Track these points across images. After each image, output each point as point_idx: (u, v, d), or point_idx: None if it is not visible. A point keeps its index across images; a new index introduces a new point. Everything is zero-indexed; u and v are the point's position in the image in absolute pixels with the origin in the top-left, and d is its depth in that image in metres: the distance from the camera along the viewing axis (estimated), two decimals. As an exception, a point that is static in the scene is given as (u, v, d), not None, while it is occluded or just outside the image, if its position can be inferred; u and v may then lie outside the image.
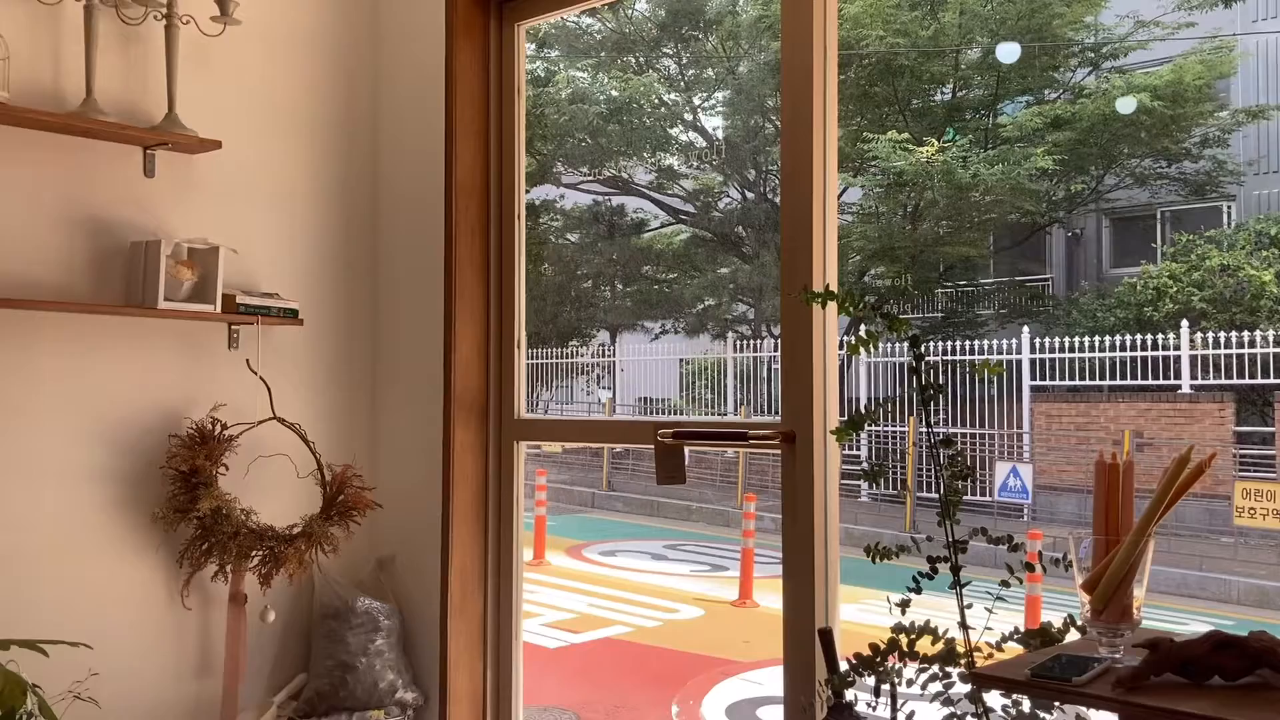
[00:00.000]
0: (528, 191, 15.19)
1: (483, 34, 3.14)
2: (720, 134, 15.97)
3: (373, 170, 3.31)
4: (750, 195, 15.45)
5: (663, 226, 16.54)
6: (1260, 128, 13.97)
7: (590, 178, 15.96)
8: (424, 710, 3.06)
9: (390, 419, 3.26)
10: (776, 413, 2.49)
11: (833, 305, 2.25)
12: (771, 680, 5.84)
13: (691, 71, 15.81)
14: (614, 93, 15.19)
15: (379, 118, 3.32)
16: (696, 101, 15.96)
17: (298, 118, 3.15)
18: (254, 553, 2.78)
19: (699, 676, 6.26)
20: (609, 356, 16.65)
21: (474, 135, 3.13)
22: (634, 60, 15.67)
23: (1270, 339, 11.29)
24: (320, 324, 3.17)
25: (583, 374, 16.86)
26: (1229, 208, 14.75)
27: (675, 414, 15.10)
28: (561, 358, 16.63)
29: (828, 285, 2.38)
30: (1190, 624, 7.39)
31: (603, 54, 15.62)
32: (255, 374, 2.91)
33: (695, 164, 15.84)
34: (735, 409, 14.69)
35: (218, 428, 2.81)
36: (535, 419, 3.46)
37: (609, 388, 16.51)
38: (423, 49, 3.17)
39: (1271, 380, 11.20)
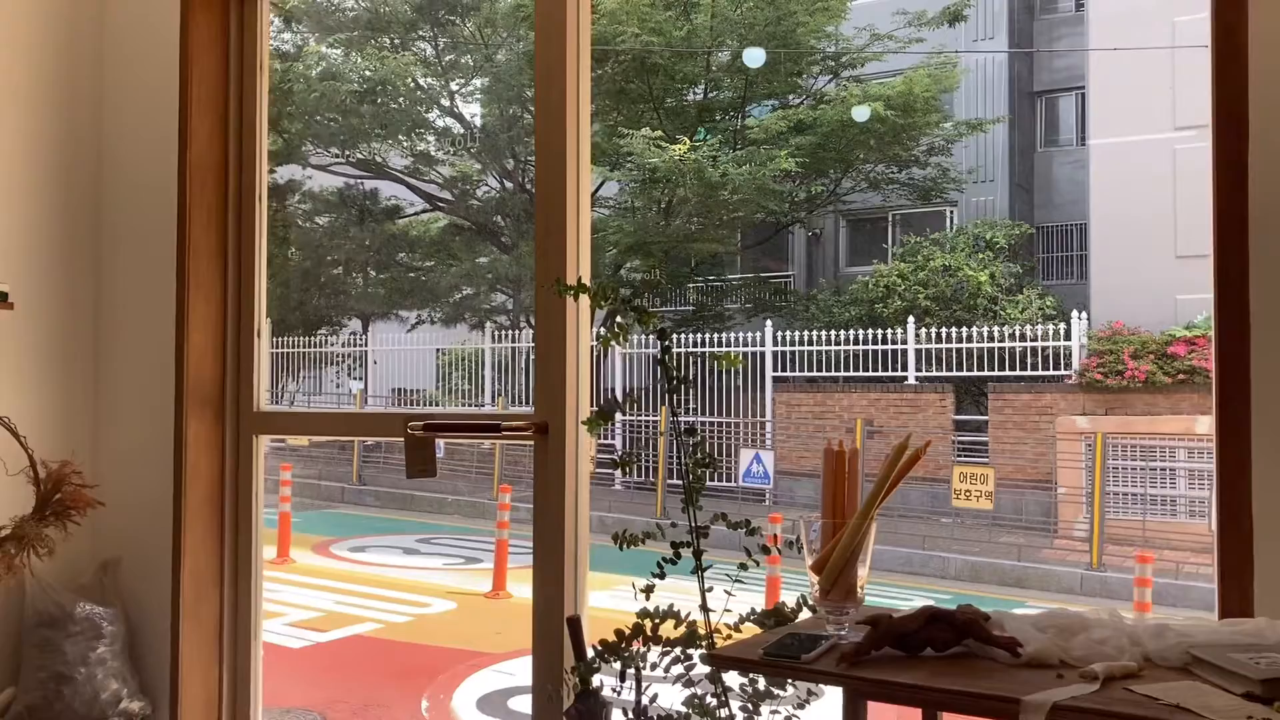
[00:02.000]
0: (273, 171, 14.54)
1: (221, 5, 2.97)
2: (478, 121, 15.82)
3: (96, 148, 3.07)
4: (509, 185, 15.40)
5: (419, 213, 16.22)
6: (979, 139, 15.20)
7: (341, 159, 15.44)
8: (153, 719, 2.88)
9: (115, 411, 3.04)
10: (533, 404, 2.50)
11: (585, 297, 2.28)
12: (523, 670, 5.85)
13: (449, 56, 15.57)
14: (368, 73, 14.75)
15: (105, 93, 3.08)
16: (454, 87, 15.75)
17: (11, 94, 2.87)
18: (-47, 559, 2.52)
19: (450, 670, 6.20)
20: (361, 346, 16.19)
21: (211, 112, 2.96)
22: (389, 41, 15.28)
23: (985, 334, 12.32)
24: (34, 308, 2.91)
25: (333, 364, 16.31)
26: (951, 212, 15.98)
27: (431, 405, 14.86)
28: (309, 347, 16.02)
29: (580, 278, 2.40)
30: (913, 600, 7.96)
31: (355, 32, 15.14)
32: (-45, 362, 2.64)
33: (452, 150, 15.62)
34: (493, 400, 14.62)
35: (-91, 421, 2.53)
36: (278, 411, 3.31)
37: (361, 379, 16.05)
38: (156, 20, 2.96)
39: (986, 373, 12.23)
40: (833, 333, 13.00)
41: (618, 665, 2.09)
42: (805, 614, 1.97)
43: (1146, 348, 11.13)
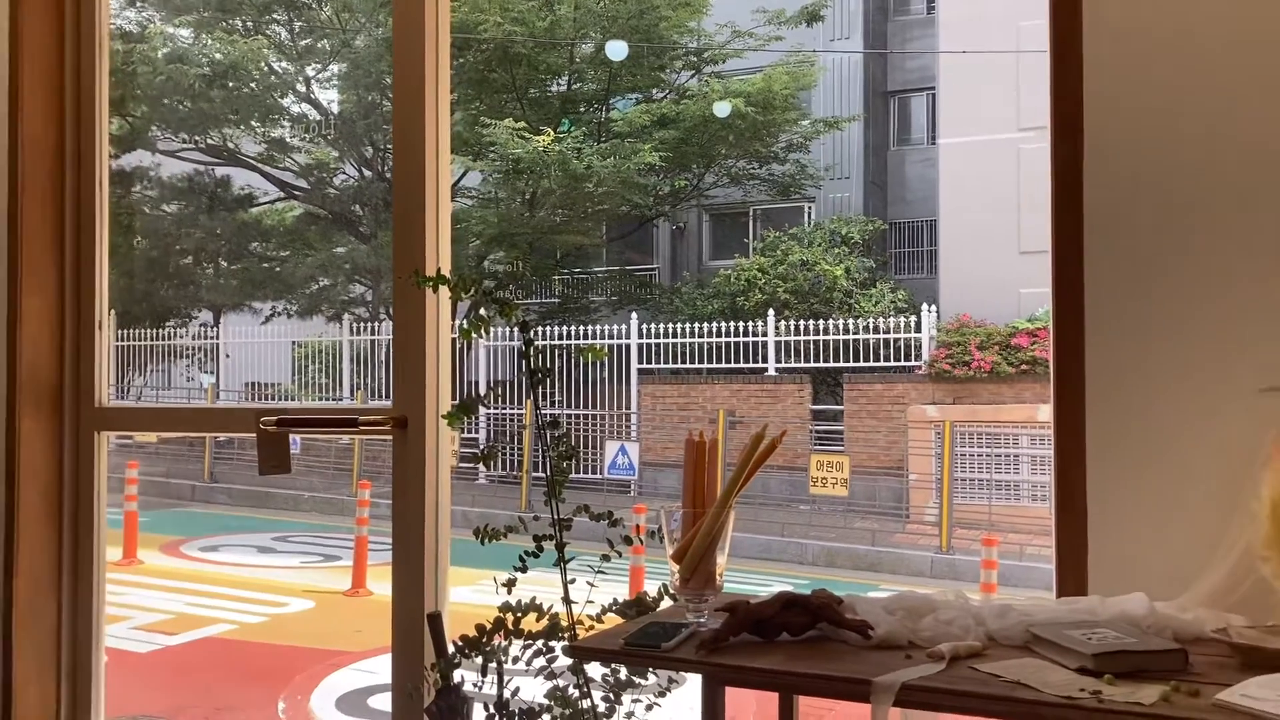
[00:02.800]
0: (117, 157, 13.88)
1: (56, -23, 2.81)
2: (335, 108, 15.42)
3: (-83, 121, 2.87)
4: (367, 173, 15.07)
5: (273, 201, 15.72)
6: (835, 137, 15.60)
7: (191, 145, 14.84)
8: (-17, 735, 2.72)
9: (-60, 408, 2.85)
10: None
11: (445, 289, 2.25)
12: (384, 668, 5.75)
13: (305, 41, 15.13)
14: (218, 56, 14.21)
15: (-75, 61, 2.88)
16: (310, 73, 15.31)
17: None
18: None
19: (309, 670, 6.05)
20: (212, 339, 15.61)
21: (46, 89, 2.80)
22: (241, 23, 14.75)
23: (841, 327, 12.66)
24: None
25: (183, 358, 15.68)
26: (809, 208, 16.37)
27: (287, 400, 14.44)
28: (158, 340, 15.37)
29: (440, 269, 2.36)
30: (771, 586, 8.14)
31: (205, 13, 14.57)
32: None
33: (308, 138, 15.19)
34: (352, 394, 14.30)
35: None
36: (123, 406, 3.16)
37: (212, 372, 15.48)
38: (-19, -13, 2.79)
39: (842, 364, 12.57)
40: (696, 325, 13.17)
41: (479, 660, 2.07)
42: (666, 603, 1.98)
43: (992, 339, 11.63)
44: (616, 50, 13.62)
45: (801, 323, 12.91)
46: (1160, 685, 1.30)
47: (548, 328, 13.49)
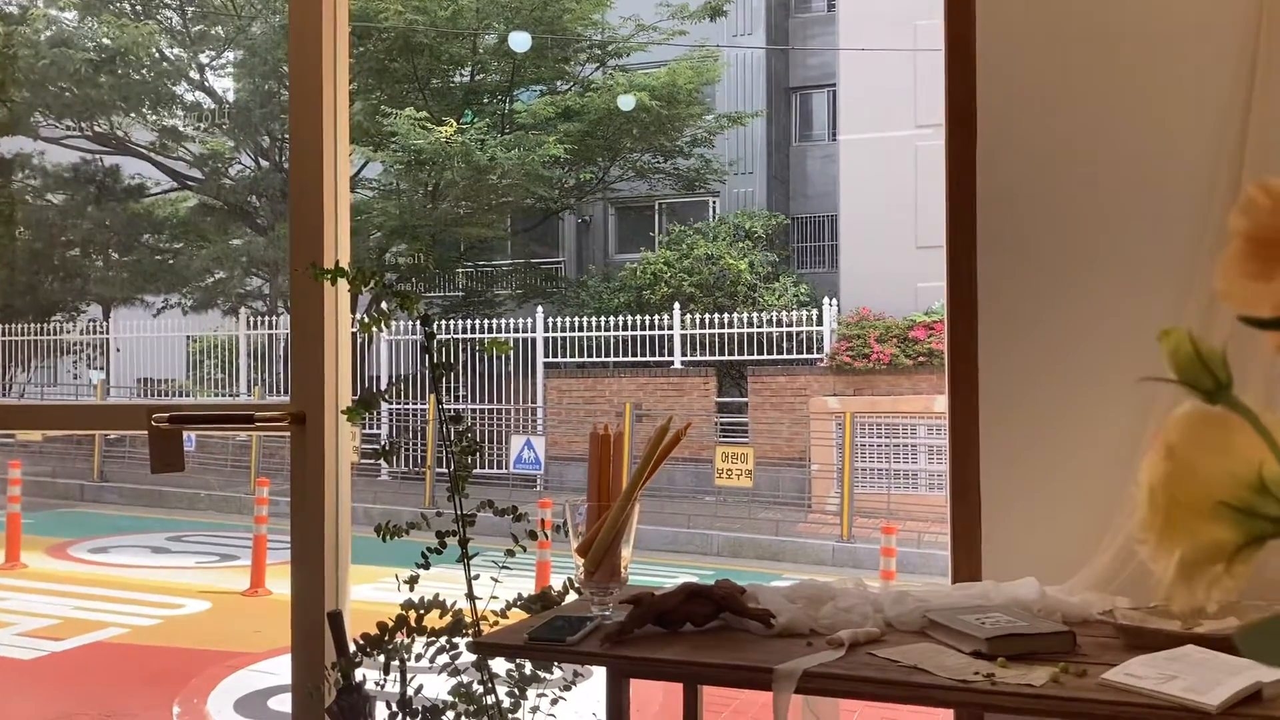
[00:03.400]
0: (-4, 143, 13.33)
1: (-71, -45, 2.68)
2: (231, 96, 15.02)
3: None
4: (264, 163, 14.71)
5: (166, 192, 15.24)
6: (739, 132, 15.74)
7: (77, 132, 14.30)
8: None
9: None
10: (288, 392, 2.40)
11: (344, 282, 2.21)
12: (283, 669, 5.64)
13: (198, 27, 14.70)
14: (106, 41, 13.71)
15: None
16: (204, 60, 14.88)
17: None
18: None
19: (205, 672, 5.89)
20: (101, 334, 15.08)
21: (-83, 73, 2.67)
22: (129, 7, 14.26)
23: (745, 320, 12.80)
24: None
25: (69, 353, 15.12)
26: (714, 203, 16.49)
27: (182, 396, 14.04)
28: (43, 334, 14.79)
29: (339, 261, 2.32)
30: (677, 577, 8.19)
31: (92, -4, 14.06)
32: None
33: (202, 127, 14.76)
34: (249, 389, 13.97)
35: None
36: (4, 404, 3.04)
37: (102, 368, 14.96)
38: None
39: (746, 357, 12.71)
40: (602, 318, 13.17)
41: (382, 659, 2.05)
42: (572, 597, 1.98)
43: (890, 332, 11.89)
44: (520, 41, 13.53)
45: (707, 316, 13.01)
46: (1050, 667, 1.34)
47: (451, 321, 13.35)
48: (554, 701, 2.07)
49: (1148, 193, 1.86)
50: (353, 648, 2.03)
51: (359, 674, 2.01)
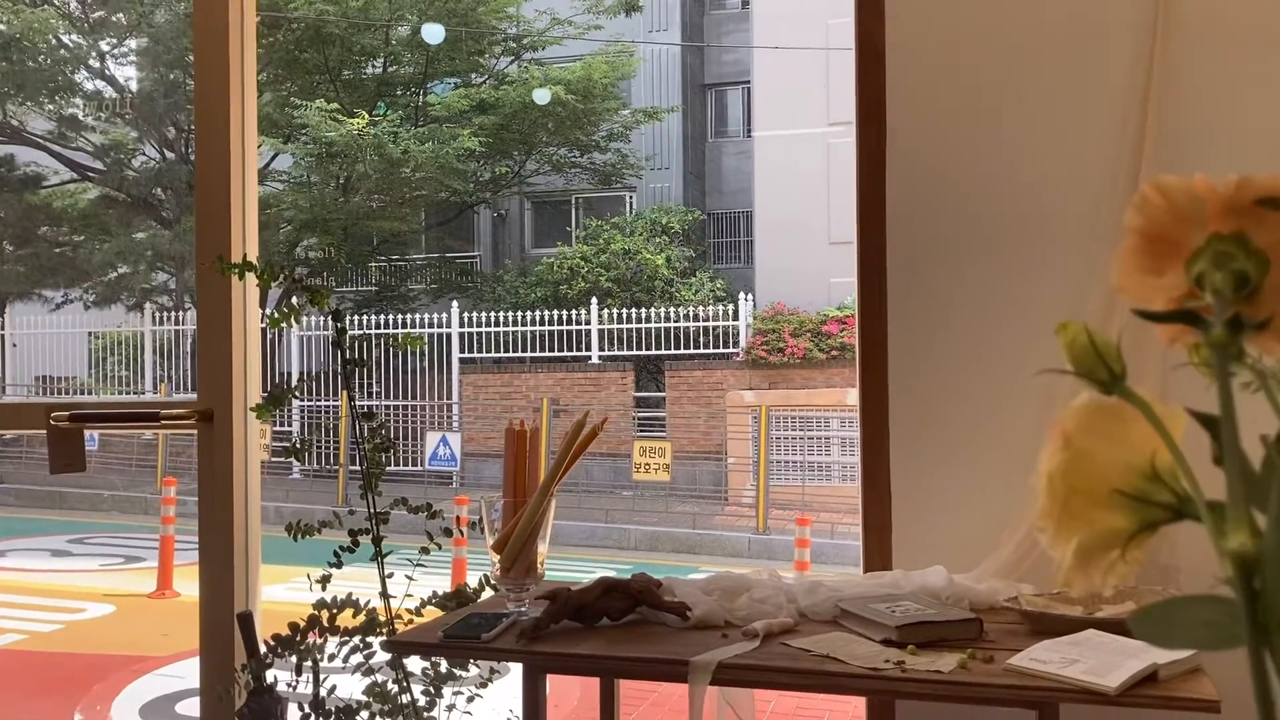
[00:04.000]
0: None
1: None
2: (134, 86, 14.58)
3: None
4: (170, 155, 14.31)
5: (65, 183, 14.73)
6: (655, 127, 15.78)
7: (-33, 121, 13.76)
8: None
9: None
10: (193, 389, 2.35)
11: (252, 276, 2.16)
12: (192, 672, 5.51)
13: (98, 13, 14.23)
14: (0, 25, 13.20)
15: None
16: (105, 47, 14.41)
17: None
18: None
19: (110, 678, 5.73)
20: (-3, 329, 14.54)
21: None
22: (26, -10, 13.75)
23: (662, 315, 12.85)
24: None
25: (-38, 350, 14.55)
26: (631, 197, 16.51)
27: (84, 394, 13.60)
28: (-67, 330, 14.22)
29: (246, 255, 2.27)
30: (595, 572, 8.19)
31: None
32: None
33: (104, 117, 14.30)
34: (155, 387, 13.59)
35: None
36: (-111, 403, 2.91)
37: (-3, 365, 14.42)
38: None
39: (663, 351, 12.76)
40: (519, 313, 13.11)
41: (294, 659, 2.01)
42: (488, 593, 1.97)
43: (804, 327, 12.04)
44: (433, 33, 13.37)
45: (624, 311, 13.03)
46: (958, 653, 1.38)
47: (364, 316, 13.16)
48: (470, 699, 2.06)
49: (1051, 190, 1.92)
50: (264, 649, 1.99)
51: (270, 675, 1.98)
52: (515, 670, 1.60)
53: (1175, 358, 0.51)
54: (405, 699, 1.99)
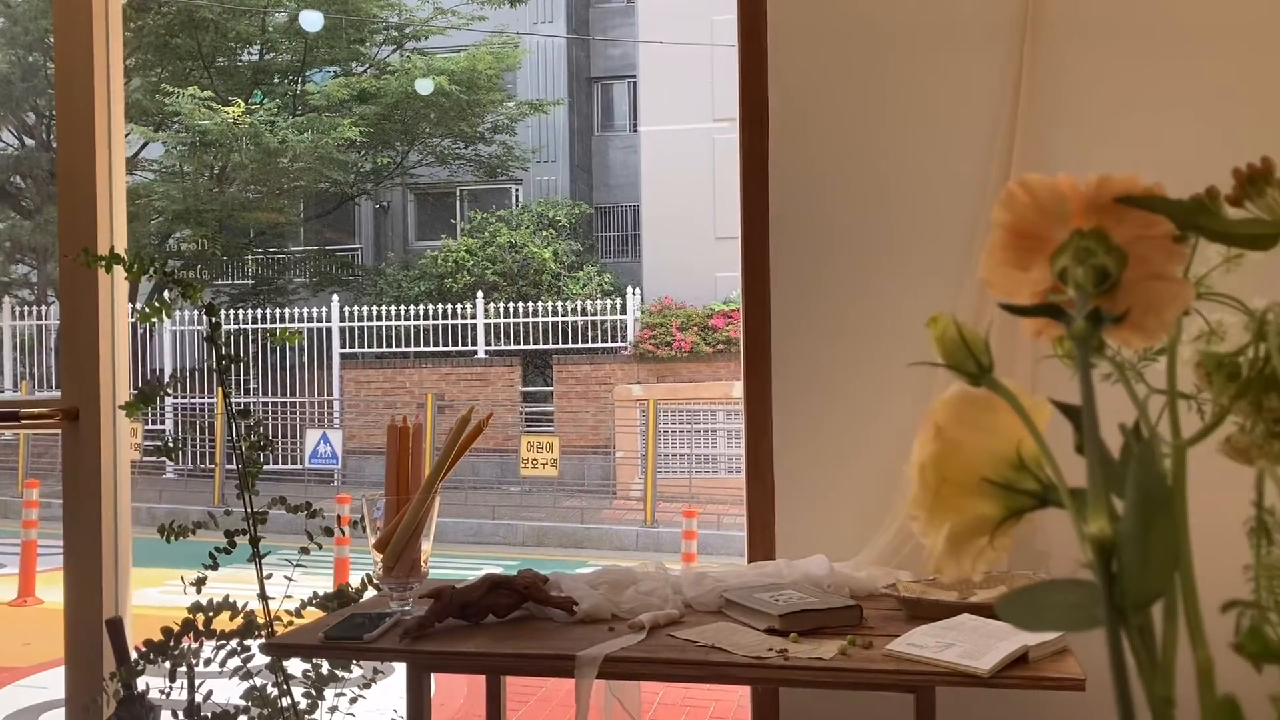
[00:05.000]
0: None
1: None
2: (-10, 68, 13.88)
3: None
4: (30, 142, 13.66)
5: (-87, 169, 13.95)
6: (541, 120, 15.69)
7: None
8: None
9: None
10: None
11: (120, 269, 2.08)
12: (57, 682, 5.28)
13: (-51, -9, 13.50)
14: None
15: None
16: (-44, 27, 13.68)
17: None
18: None
19: (-32, 692, 5.45)
20: None
21: None
22: None
23: (549, 309, 12.80)
24: None
25: None
26: (517, 190, 16.39)
27: (-65, 391, 12.89)
28: None
29: (113, 247, 2.18)
30: (482, 569, 8.12)
31: None
32: None
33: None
34: (15, 384, 12.97)
35: None
36: None
37: None
38: None
39: (551, 345, 12.72)
40: (402, 307, 12.90)
41: (167, 665, 1.95)
42: (371, 593, 1.94)
43: (691, 321, 12.14)
44: (311, 21, 13.03)
45: (511, 305, 12.94)
46: (839, 640, 1.41)
47: (241, 311, 12.78)
48: (353, 700, 2.02)
49: (929, 188, 1.97)
50: (134, 655, 1.92)
51: (142, 683, 1.91)
52: (400, 670, 1.57)
53: (1045, 350, 0.53)
54: (285, 702, 1.94)
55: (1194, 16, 1.90)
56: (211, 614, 1.92)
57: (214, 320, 2.02)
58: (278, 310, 12.99)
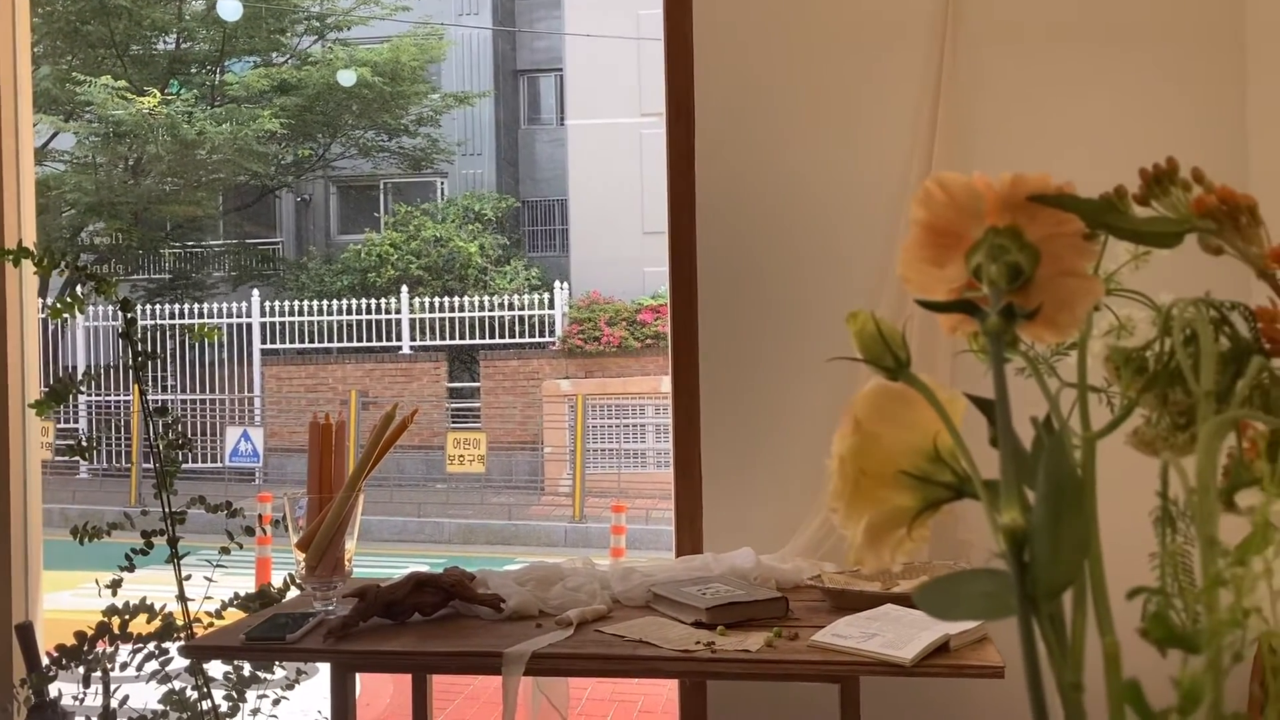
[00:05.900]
0: None
1: None
2: (-111, 54, 13.34)
3: None
4: (-67, 131, 13.17)
5: None
6: (467, 113, 15.55)
7: None
8: None
9: None
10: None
11: (28, 264, 2.02)
12: (-31, 690, 5.09)
13: None
14: None
15: None
16: None
17: None
18: None
19: None
20: None
21: None
22: None
23: (476, 304, 12.71)
24: None
25: None
26: (442, 183, 16.22)
27: None
28: None
29: (21, 241, 2.11)
30: (408, 567, 8.04)
31: None
32: None
33: None
34: (-82, 382, 12.51)
35: None
36: None
37: None
38: None
39: (477, 340, 12.63)
40: (324, 302, 12.71)
41: (81, 670, 1.90)
42: (294, 593, 1.91)
43: (620, 315, 12.15)
44: (230, 9, 12.75)
45: (436, 300, 12.81)
46: (765, 632, 1.42)
47: (158, 306, 12.47)
48: (276, 702, 1.99)
49: (850, 185, 2.00)
50: (46, 661, 1.86)
51: (54, 689, 1.85)
52: (324, 670, 1.55)
53: (962, 345, 0.54)
54: (205, 705, 1.91)
55: (1109, 18, 1.96)
56: (128, 617, 1.87)
57: (129, 316, 1.97)
58: (196, 305, 12.71)
